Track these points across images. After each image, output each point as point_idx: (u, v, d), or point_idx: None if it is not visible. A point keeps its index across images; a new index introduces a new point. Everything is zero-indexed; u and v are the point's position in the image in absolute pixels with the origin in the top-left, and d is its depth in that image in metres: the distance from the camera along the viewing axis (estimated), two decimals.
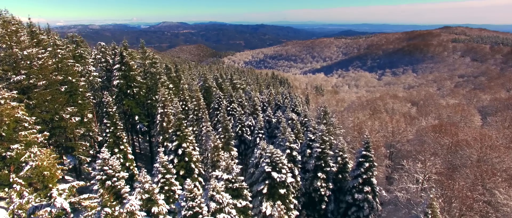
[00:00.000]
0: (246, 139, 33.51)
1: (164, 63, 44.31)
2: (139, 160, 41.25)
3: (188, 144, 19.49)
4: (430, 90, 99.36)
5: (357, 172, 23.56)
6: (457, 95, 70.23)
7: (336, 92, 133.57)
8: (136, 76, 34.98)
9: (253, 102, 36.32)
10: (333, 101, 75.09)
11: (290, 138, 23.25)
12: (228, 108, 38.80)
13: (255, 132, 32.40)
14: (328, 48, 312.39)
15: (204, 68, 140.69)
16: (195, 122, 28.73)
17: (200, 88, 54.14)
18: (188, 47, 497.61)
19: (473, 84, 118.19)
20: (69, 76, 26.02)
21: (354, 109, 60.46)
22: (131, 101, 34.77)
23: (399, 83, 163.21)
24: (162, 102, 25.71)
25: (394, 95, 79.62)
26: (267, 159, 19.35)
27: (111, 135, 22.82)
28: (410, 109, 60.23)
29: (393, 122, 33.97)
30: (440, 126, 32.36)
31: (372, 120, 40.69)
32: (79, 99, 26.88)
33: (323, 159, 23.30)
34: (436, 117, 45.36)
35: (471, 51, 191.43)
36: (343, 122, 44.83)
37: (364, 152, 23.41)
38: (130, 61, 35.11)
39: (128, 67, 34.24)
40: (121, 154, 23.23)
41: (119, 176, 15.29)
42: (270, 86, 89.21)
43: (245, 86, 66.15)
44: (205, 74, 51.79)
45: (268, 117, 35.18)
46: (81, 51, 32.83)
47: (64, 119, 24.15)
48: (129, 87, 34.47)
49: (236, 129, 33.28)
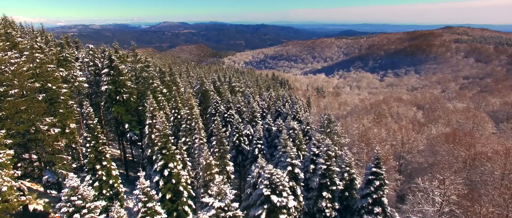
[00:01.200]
0: (244, 149, 31.11)
1: (158, 67, 41.90)
2: (131, 168, 38.89)
3: (176, 163, 17.08)
4: (434, 93, 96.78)
5: (366, 191, 21.14)
6: (464, 99, 67.67)
7: (337, 94, 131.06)
8: (126, 81, 32.62)
9: (252, 109, 33.92)
10: (335, 104, 72.66)
11: (291, 153, 20.85)
12: (225, 115, 36.42)
13: (253, 141, 30.04)
14: (329, 48, 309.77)
15: (203, 69, 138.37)
16: (187, 132, 26.34)
17: (197, 92, 51.78)
18: (189, 47, 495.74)
19: (479, 87, 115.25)
20: (49, 83, 23.67)
21: (358, 113, 58.02)
22: (120, 108, 32.42)
23: (402, 84, 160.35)
24: (151, 112, 23.34)
25: (399, 98, 77.07)
26: (266, 181, 16.96)
27: (92, 150, 20.45)
28: (416, 113, 57.70)
29: (402, 131, 31.55)
30: (453, 136, 29.91)
31: (378, 127, 38.27)
32: (60, 108, 24.53)
33: (329, 176, 20.90)
34: (445, 123, 42.92)
35: (474, 52, 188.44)
36: (347, 128, 42.44)
37: (374, 168, 21.00)
38: (120, 65, 32.76)
39: (117, 71, 31.89)
40: (103, 171, 20.87)
41: (90, 207, 12.92)
42: (270, 89, 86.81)
43: (244, 89, 63.73)
44: (202, 77, 49.40)
45: (268, 125, 32.80)
46: (66, 55, 30.46)
47: (42, 131, 21.80)
48: (118, 93, 32.12)
49: (233, 138, 30.89)
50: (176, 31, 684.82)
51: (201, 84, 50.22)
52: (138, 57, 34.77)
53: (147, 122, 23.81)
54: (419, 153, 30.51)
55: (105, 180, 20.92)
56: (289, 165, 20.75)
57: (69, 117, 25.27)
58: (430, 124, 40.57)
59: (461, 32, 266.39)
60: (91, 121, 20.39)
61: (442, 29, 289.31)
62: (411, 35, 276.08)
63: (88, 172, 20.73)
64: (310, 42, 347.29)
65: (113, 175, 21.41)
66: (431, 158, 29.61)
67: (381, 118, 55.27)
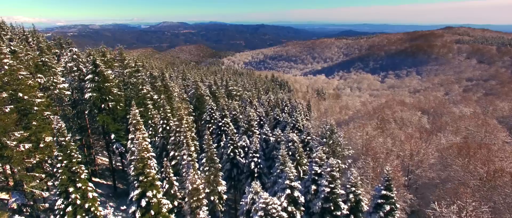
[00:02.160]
0: (239, 162, 28.67)
1: (149, 71, 39.39)
2: (121, 179, 36.48)
3: (156, 191, 14.65)
4: (438, 96, 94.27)
5: (375, 216, 18.75)
6: (470, 103, 65.25)
7: (338, 96, 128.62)
8: (112, 88, 30.17)
9: (249, 118, 31.49)
10: (336, 108, 70.20)
11: (290, 174, 18.41)
12: (219, 123, 33.98)
13: (249, 154, 27.60)
14: (329, 48, 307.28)
15: (201, 70, 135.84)
16: (177, 146, 23.89)
17: (192, 96, 49.34)
18: (188, 47, 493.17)
19: (483, 89, 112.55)
20: (19, 92, 21.18)
21: (360, 118, 55.60)
22: (106, 117, 29.96)
23: (403, 86, 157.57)
24: (134, 125, 20.87)
25: (402, 102, 74.63)
26: (261, 211, 14.53)
27: (64, 170, 17.98)
28: (420, 118, 55.24)
29: (411, 143, 29.11)
30: (466, 148, 27.50)
31: (383, 136, 35.86)
32: (34, 120, 22.07)
33: (333, 200, 18.46)
34: (454, 130, 40.52)
35: (477, 53, 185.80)
36: (351, 137, 40.03)
37: (384, 191, 18.62)
38: (107, 70, 30.31)
39: (102, 77, 29.43)
40: (78, 193, 18.40)
41: None
42: (270, 92, 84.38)
43: (242, 93, 61.27)
44: (197, 81, 46.97)
45: (265, 135, 30.34)
46: (45, 59, 27.99)
47: (9, 147, 19.37)
48: (103, 100, 29.67)
49: (228, 151, 28.46)
50: (175, 31, 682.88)
51: (196, 89, 47.85)
52: (126, 61, 32.30)
53: (130, 136, 21.35)
54: (430, 167, 28.09)
55: (79, 204, 18.46)
56: (288, 188, 18.32)
57: (44, 130, 22.76)
58: (438, 132, 38.13)
59: (462, 32, 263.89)
60: (62, 138, 17.92)
61: (442, 29, 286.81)
62: (411, 36, 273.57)
63: (60, 195, 18.29)
64: (310, 42, 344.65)
65: (90, 198, 18.93)
66: (442, 172, 27.18)
67: (384, 124, 52.89)
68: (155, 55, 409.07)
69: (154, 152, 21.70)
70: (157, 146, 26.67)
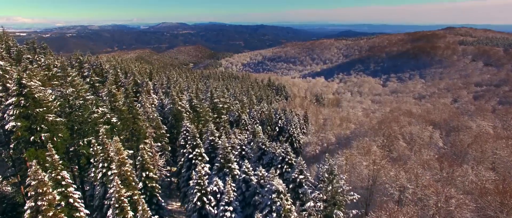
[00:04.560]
0: (209, 214, 21.81)
1: (107, 88, 32.30)
2: None
3: None
4: (447, 103, 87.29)
5: None
6: (485, 113, 58.35)
7: (338, 101, 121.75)
8: (47, 115, 23.28)
9: (224, 151, 24.62)
10: (336, 119, 63.35)
11: None
12: (190, 155, 27.12)
13: (222, 202, 20.77)
14: (328, 50, 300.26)
15: (193, 74, 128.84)
16: (115, 209, 16.95)
17: (169, 112, 42.47)
18: (186, 48, 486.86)
19: (497, 96, 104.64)
20: None
21: (364, 134, 48.74)
22: (40, 152, 23.06)
23: (407, 91, 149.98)
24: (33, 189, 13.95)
25: (408, 112, 67.70)
26: None
27: None
28: (432, 134, 48.38)
29: (437, 188, 22.22)
30: (510, 189, 20.80)
31: (396, 167, 28.94)
32: None
33: None
34: (479, 156, 33.73)
35: (483, 55, 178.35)
36: (354, 164, 33.20)
37: None
38: (39, 92, 23.44)
39: (32, 101, 22.58)
40: None
41: None
42: (263, 101, 77.50)
43: (229, 105, 54.33)
44: (174, 96, 40.07)
45: (245, 174, 23.47)
46: None
47: None
48: (33, 131, 22.80)
49: (194, 198, 21.61)
50: (175, 31, 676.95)
51: (173, 103, 40.98)
52: (69, 78, 25.40)
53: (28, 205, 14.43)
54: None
55: None
56: None
57: None
58: (463, 162, 31.26)
59: (463, 33, 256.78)
60: None
61: (444, 29, 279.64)
62: (412, 36, 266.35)
63: None
64: (309, 43, 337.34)
65: None
66: None
67: (391, 141, 46.22)
68: (153, 57, 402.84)
69: None
70: (95, 207, 19.73)
